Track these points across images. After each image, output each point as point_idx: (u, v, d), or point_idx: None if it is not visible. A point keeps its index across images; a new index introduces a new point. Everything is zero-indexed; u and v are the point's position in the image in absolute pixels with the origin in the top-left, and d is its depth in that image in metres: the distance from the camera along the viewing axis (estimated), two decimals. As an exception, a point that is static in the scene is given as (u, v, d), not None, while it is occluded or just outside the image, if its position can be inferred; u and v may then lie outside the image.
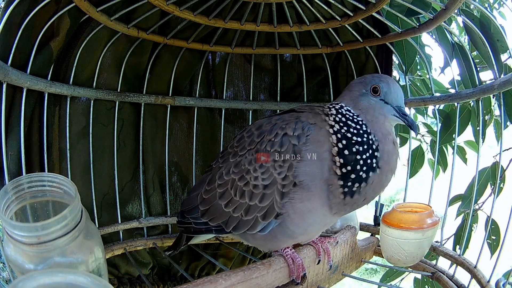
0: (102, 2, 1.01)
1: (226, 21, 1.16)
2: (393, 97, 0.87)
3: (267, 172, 0.84)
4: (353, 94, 0.89)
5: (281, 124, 0.87)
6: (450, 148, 1.53)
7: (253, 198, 0.86)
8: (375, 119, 0.85)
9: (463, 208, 1.30)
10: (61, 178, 0.72)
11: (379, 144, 0.83)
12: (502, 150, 1.07)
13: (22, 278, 0.51)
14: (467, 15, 1.04)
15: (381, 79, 0.88)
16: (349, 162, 0.80)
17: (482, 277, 0.98)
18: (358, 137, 0.82)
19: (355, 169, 0.80)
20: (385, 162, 0.83)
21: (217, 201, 0.93)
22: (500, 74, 1.01)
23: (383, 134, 0.84)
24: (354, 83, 0.92)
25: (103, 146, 1.23)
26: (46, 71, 1.02)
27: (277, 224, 0.86)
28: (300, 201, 0.83)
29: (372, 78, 0.88)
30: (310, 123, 0.85)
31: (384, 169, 0.83)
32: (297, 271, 0.87)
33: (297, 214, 0.84)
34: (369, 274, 4.38)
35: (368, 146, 0.81)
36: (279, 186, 0.83)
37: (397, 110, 0.86)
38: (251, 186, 0.87)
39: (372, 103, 0.86)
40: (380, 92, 0.86)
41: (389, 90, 0.87)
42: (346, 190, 0.81)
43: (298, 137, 0.83)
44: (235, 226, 0.90)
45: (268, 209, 0.85)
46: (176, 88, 1.34)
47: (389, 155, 0.83)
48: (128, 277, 1.31)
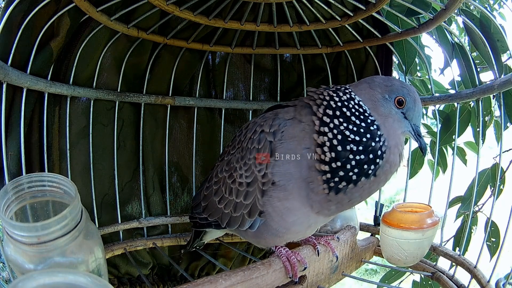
0: (102, 2, 1.01)
1: (226, 21, 1.16)
2: (414, 114, 0.83)
3: (249, 169, 0.84)
4: (375, 94, 0.82)
5: (260, 122, 0.87)
6: (450, 149, 1.53)
7: (238, 195, 0.87)
8: (393, 130, 0.81)
9: (463, 209, 1.30)
10: (61, 178, 0.72)
11: (387, 152, 0.78)
12: (502, 151, 1.07)
13: (22, 278, 0.51)
14: (467, 15, 1.04)
15: (410, 93, 0.83)
16: (340, 158, 0.75)
17: (482, 277, 0.98)
18: (357, 136, 0.76)
19: (345, 167, 0.75)
20: (384, 172, 0.78)
21: (213, 198, 0.96)
22: (500, 74, 1.01)
23: (395, 143, 0.80)
24: (378, 82, 0.84)
25: (103, 146, 1.23)
26: (46, 71, 1.02)
27: (262, 222, 0.86)
28: (278, 199, 0.81)
29: (401, 88, 0.83)
30: (286, 118, 0.83)
31: (379, 178, 0.78)
32: (292, 270, 0.86)
33: (276, 212, 0.83)
34: (369, 274, 4.38)
35: (368, 149, 0.76)
36: (259, 184, 0.82)
37: (413, 128, 0.83)
38: (237, 184, 0.88)
39: (393, 113, 0.81)
40: (404, 105, 0.82)
41: (413, 107, 0.83)
42: (332, 185, 0.76)
43: (274, 133, 0.81)
44: (227, 222, 0.92)
45: (251, 206, 0.85)
46: (176, 88, 1.34)
47: (391, 166, 0.79)
48: (128, 277, 1.31)
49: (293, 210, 0.82)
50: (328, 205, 0.80)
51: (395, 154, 0.80)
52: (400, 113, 0.82)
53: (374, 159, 0.76)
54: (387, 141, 0.78)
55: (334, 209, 0.82)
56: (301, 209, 0.82)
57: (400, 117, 0.82)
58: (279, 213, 0.83)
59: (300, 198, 0.80)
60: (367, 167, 0.76)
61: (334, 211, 0.83)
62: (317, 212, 0.82)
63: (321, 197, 0.78)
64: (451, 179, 1.14)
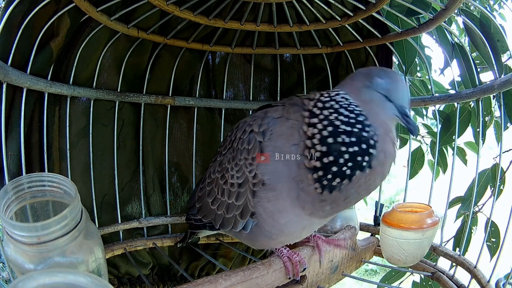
0: (102, 2, 1.01)
1: (226, 21, 1.16)
2: (398, 95, 0.78)
3: (241, 170, 0.84)
4: (356, 84, 0.81)
5: (250, 121, 0.86)
6: (450, 149, 1.53)
7: (230, 196, 0.87)
8: (377, 115, 0.77)
9: (463, 210, 1.30)
10: (61, 178, 0.72)
11: (378, 141, 0.74)
12: (502, 152, 1.07)
13: (22, 278, 0.51)
14: (467, 15, 1.04)
15: (388, 74, 0.80)
16: (332, 151, 0.72)
17: (482, 277, 0.98)
18: (348, 127, 0.73)
19: (338, 162, 0.72)
20: (379, 163, 0.74)
21: (206, 199, 0.96)
22: (500, 74, 1.01)
23: (385, 131, 0.76)
24: (358, 73, 0.84)
25: (103, 146, 1.23)
26: (46, 71, 1.02)
27: (255, 223, 0.85)
28: (267, 200, 0.79)
29: (379, 71, 0.81)
30: (275, 117, 0.81)
31: (375, 170, 0.74)
32: (294, 269, 0.86)
33: (267, 214, 0.81)
34: (369, 274, 4.38)
35: (361, 139, 0.72)
36: (250, 185, 0.81)
37: (399, 109, 0.78)
38: (229, 185, 0.87)
39: (374, 97, 0.78)
40: None
41: (395, 87, 0.78)
42: (325, 183, 0.73)
43: (263, 133, 0.80)
44: (221, 223, 0.91)
45: (243, 207, 0.84)
46: (176, 88, 1.34)
47: (386, 155, 0.75)
48: (128, 277, 1.31)
49: (284, 212, 0.80)
50: (321, 205, 0.76)
51: (387, 142, 0.76)
52: (382, 96, 0.78)
53: (367, 149, 0.73)
54: (376, 130, 0.75)
55: (329, 210, 0.77)
56: (292, 211, 0.79)
57: (383, 100, 0.78)
58: (270, 215, 0.81)
59: (290, 199, 0.78)
60: (361, 159, 0.72)
61: (329, 212, 0.78)
62: (310, 213, 0.79)
63: (313, 198, 0.75)
64: (451, 179, 1.14)
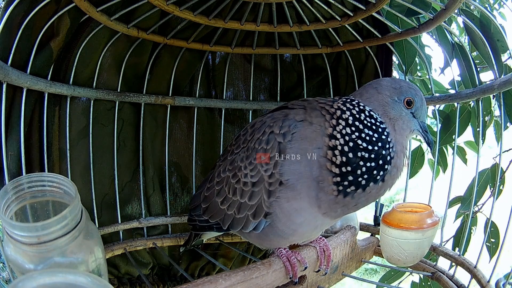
0: (102, 2, 1.01)
1: (226, 21, 1.16)
2: (421, 113, 0.86)
3: (255, 169, 0.84)
4: (384, 98, 0.83)
5: (269, 122, 0.87)
6: (450, 148, 1.53)
7: (243, 195, 0.87)
8: (402, 131, 0.83)
9: (463, 209, 1.30)
10: (61, 178, 0.72)
11: (394, 158, 0.80)
12: (502, 151, 1.07)
13: (22, 278, 0.51)
14: (467, 15, 1.04)
15: (417, 93, 0.85)
16: (351, 163, 0.77)
17: (482, 277, 0.98)
18: (370, 145, 0.78)
19: (355, 173, 0.77)
20: (391, 177, 0.81)
21: (215, 199, 0.95)
22: (500, 74, 1.01)
23: (402, 147, 0.83)
24: (384, 85, 0.85)
25: (103, 146, 1.23)
26: (46, 71, 1.02)
27: (267, 223, 0.85)
28: (286, 200, 0.81)
29: (409, 89, 0.84)
30: (297, 120, 0.83)
31: (386, 183, 0.80)
32: (293, 270, 0.86)
33: (284, 214, 0.83)
34: (369, 274, 4.38)
35: (379, 157, 0.78)
36: (266, 184, 0.82)
37: (421, 125, 0.86)
38: (241, 184, 0.87)
39: (403, 114, 0.83)
40: (413, 105, 0.84)
41: (421, 106, 0.85)
42: (341, 189, 0.78)
43: (284, 134, 0.82)
44: (230, 224, 0.91)
45: (257, 207, 0.85)
46: (176, 88, 1.34)
47: (397, 170, 0.81)
48: (128, 277, 1.31)
49: (301, 211, 0.82)
50: (335, 206, 0.80)
51: (400, 158, 0.82)
52: (409, 113, 0.84)
53: (383, 165, 0.78)
54: (395, 146, 0.81)
55: (340, 212, 0.82)
56: (309, 210, 0.82)
57: (410, 117, 0.84)
58: (286, 214, 0.83)
59: (309, 198, 0.80)
60: (376, 173, 0.78)
61: (340, 213, 0.83)
62: (324, 213, 0.82)
63: (330, 198, 0.79)
64: (451, 179, 1.14)
